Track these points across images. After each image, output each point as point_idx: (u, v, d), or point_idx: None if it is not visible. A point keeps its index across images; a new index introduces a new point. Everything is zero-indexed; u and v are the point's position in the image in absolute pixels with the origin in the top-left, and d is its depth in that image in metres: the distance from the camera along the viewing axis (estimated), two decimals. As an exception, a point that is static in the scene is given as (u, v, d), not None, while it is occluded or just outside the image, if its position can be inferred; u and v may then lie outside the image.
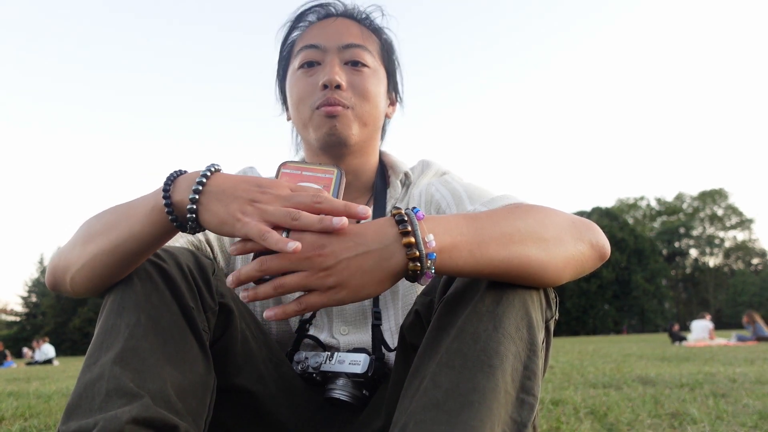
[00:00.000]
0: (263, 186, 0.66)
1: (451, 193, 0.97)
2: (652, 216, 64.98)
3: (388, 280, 0.63)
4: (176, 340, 0.71)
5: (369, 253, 0.61)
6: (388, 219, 0.64)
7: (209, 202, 0.66)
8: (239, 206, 0.64)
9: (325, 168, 0.74)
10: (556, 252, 0.68)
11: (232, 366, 0.83)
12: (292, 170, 0.75)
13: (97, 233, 0.73)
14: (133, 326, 0.68)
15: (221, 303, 0.81)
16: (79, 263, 0.74)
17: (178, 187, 0.69)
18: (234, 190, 0.66)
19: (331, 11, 1.05)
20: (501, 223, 0.67)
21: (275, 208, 0.63)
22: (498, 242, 0.65)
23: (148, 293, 0.72)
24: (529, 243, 0.66)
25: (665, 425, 1.74)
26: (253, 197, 0.64)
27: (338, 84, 0.96)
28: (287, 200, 0.64)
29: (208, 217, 0.66)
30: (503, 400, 0.60)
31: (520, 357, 0.64)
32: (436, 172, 1.11)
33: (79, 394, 0.64)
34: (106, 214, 0.76)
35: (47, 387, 4.19)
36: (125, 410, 0.60)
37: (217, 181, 0.67)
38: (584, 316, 46.68)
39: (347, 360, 0.88)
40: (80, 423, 0.60)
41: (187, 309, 0.74)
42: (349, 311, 1.00)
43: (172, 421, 0.63)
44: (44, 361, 14.44)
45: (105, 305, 0.73)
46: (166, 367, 0.68)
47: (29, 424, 2.12)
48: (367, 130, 1.01)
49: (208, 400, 0.74)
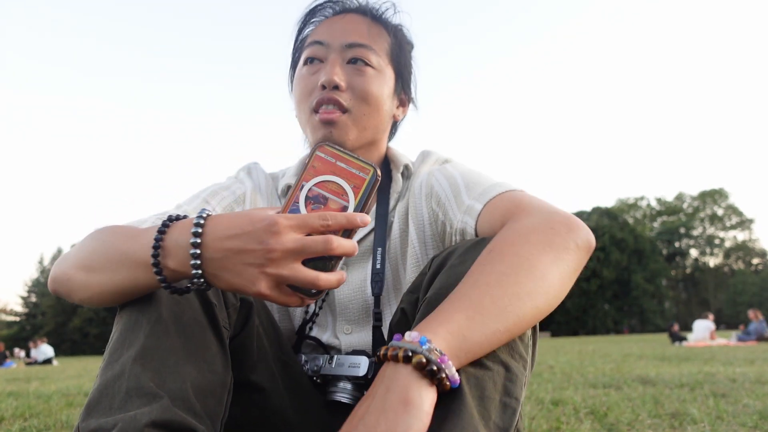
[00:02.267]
0: (265, 242, 0.61)
1: (448, 182, 0.95)
2: (652, 216, 64.96)
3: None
4: (197, 337, 0.71)
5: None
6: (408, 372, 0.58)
7: (216, 272, 0.63)
8: (252, 275, 0.61)
9: (363, 164, 0.69)
10: (548, 288, 0.67)
11: (248, 362, 0.82)
12: (328, 156, 0.69)
13: (100, 267, 0.71)
14: (154, 322, 0.68)
15: (242, 299, 0.80)
16: (86, 292, 0.73)
17: (169, 254, 0.64)
18: (238, 255, 0.61)
19: (346, 6, 1.03)
20: (485, 312, 0.63)
21: (291, 273, 0.61)
22: (494, 335, 0.63)
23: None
24: (522, 305, 0.65)
25: (665, 425, 1.74)
26: (261, 261, 0.61)
27: (336, 84, 0.94)
28: (298, 253, 0.61)
29: (220, 285, 0.64)
30: (485, 403, 0.61)
31: (501, 359, 0.65)
32: (437, 159, 1.08)
33: (99, 392, 0.64)
34: (109, 244, 0.72)
35: (47, 387, 4.19)
36: (144, 411, 0.60)
37: (214, 244, 0.62)
38: (584, 316, 46.70)
39: (347, 363, 0.87)
40: (100, 422, 0.60)
41: (209, 305, 0.73)
42: (353, 310, 0.99)
43: (191, 424, 0.63)
44: (44, 361, 14.44)
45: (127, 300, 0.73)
46: (186, 366, 0.67)
47: (29, 424, 2.12)
48: (366, 134, 0.99)
49: (225, 399, 0.73)
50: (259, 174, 1.11)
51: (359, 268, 1.00)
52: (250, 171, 1.11)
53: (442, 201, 0.95)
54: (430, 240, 0.97)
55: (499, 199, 0.84)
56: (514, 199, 0.82)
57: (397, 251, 0.99)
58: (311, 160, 0.69)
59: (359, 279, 0.99)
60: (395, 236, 0.99)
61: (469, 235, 0.86)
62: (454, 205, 0.91)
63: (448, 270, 0.72)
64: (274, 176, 1.13)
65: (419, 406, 0.55)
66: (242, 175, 1.10)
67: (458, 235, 0.89)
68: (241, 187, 1.06)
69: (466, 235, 0.87)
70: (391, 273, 0.99)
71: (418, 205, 0.99)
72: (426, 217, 0.97)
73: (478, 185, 0.90)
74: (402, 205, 1.02)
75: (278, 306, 1.01)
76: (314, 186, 0.68)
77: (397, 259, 0.99)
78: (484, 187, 0.89)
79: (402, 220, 1.00)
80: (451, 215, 0.91)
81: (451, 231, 0.91)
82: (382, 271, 0.95)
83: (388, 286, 0.98)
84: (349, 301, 0.99)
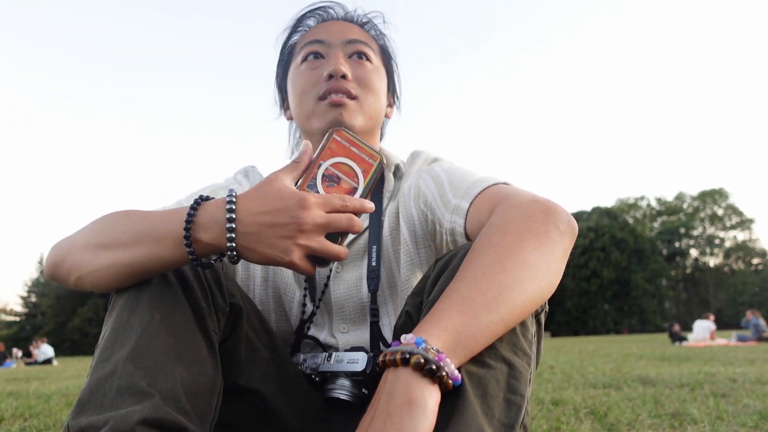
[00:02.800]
0: (298, 217, 0.67)
1: (434, 181, 0.97)
2: (652, 216, 64.97)
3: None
4: (188, 340, 0.71)
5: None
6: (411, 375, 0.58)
7: (250, 245, 0.68)
8: (285, 246, 0.67)
9: (372, 152, 0.77)
10: (536, 273, 0.67)
11: (236, 366, 0.83)
12: (343, 140, 0.77)
13: (116, 243, 0.72)
14: (146, 324, 0.68)
15: (231, 303, 0.81)
16: (90, 268, 0.73)
17: (202, 227, 0.69)
18: (272, 229, 0.67)
19: (331, 15, 1.07)
20: (476, 305, 0.63)
21: (319, 245, 0.68)
22: (488, 327, 0.63)
23: (162, 291, 0.72)
24: (511, 292, 0.65)
25: (665, 425, 1.74)
26: (294, 233, 0.67)
27: (344, 74, 0.98)
28: (325, 228, 0.68)
29: (253, 257, 0.69)
30: (488, 401, 0.61)
31: (503, 356, 0.65)
32: (425, 159, 1.10)
33: (90, 390, 0.64)
34: (126, 223, 0.74)
35: (47, 387, 4.19)
36: (136, 409, 0.60)
37: (248, 219, 0.67)
38: (584, 316, 46.71)
39: (345, 359, 0.88)
40: (90, 419, 0.60)
41: (199, 309, 0.74)
42: (349, 309, 1.00)
43: (181, 423, 0.63)
44: (44, 361, 14.45)
45: (117, 300, 0.73)
46: (176, 367, 0.68)
47: (29, 424, 2.12)
48: (370, 123, 1.03)
49: (215, 401, 0.74)
50: (256, 177, 1.12)
51: (354, 268, 1.01)
52: (248, 174, 1.13)
53: (429, 201, 0.96)
54: (422, 239, 0.99)
55: (484, 195, 0.85)
56: (497, 194, 0.83)
57: (389, 250, 1.00)
58: (329, 141, 0.77)
59: (354, 278, 1.00)
60: (386, 235, 1.01)
61: (459, 234, 0.87)
62: (441, 205, 0.92)
63: (450, 272, 0.73)
64: None
65: (424, 406, 0.56)
66: (240, 178, 1.12)
67: (448, 234, 0.90)
68: (239, 189, 1.07)
69: (456, 234, 0.88)
70: (385, 271, 1.00)
71: (408, 205, 1.00)
72: (416, 217, 0.98)
73: (462, 182, 0.91)
74: (393, 205, 1.04)
75: (275, 308, 1.02)
76: (330, 166, 0.76)
77: (390, 258, 1.00)
78: (468, 184, 0.90)
79: (393, 219, 1.02)
80: (440, 215, 0.92)
81: (441, 230, 0.92)
82: (378, 268, 0.96)
83: (382, 284, 1.00)
84: (345, 300, 1.00)
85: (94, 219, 0.79)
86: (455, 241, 0.89)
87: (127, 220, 0.75)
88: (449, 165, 1.02)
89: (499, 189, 0.84)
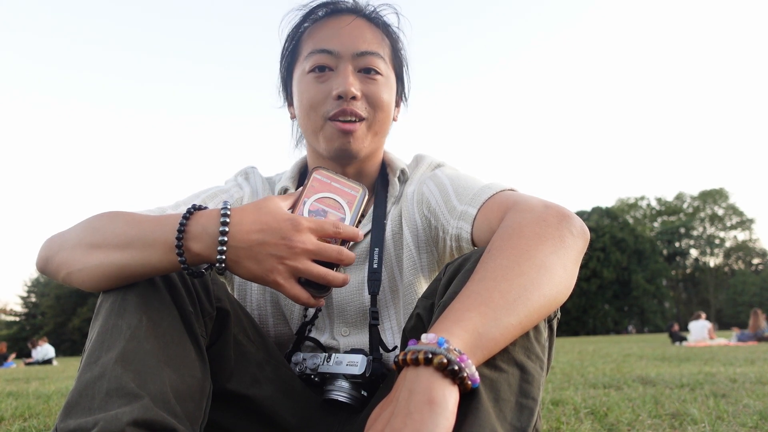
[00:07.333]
0: (289, 239, 0.69)
1: (438, 188, 0.97)
2: (652, 216, 64.94)
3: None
4: (175, 343, 0.71)
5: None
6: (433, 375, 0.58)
7: (239, 259, 0.69)
8: (271, 265, 0.69)
9: (353, 184, 0.83)
10: (552, 276, 0.68)
11: (225, 370, 0.83)
12: (324, 178, 0.82)
13: (107, 244, 0.73)
14: (134, 327, 0.69)
15: (218, 308, 0.81)
16: (79, 266, 0.74)
17: (194, 238, 0.69)
18: (262, 246, 0.68)
19: (340, 6, 1.02)
20: (496, 307, 0.63)
21: (305, 267, 0.69)
22: (507, 329, 0.63)
23: (149, 296, 0.72)
24: (530, 295, 0.65)
25: (665, 425, 1.74)
26: (283, 254, 0.69)
27: (354, 96, 0.94)
28: (314, 254, 0.70)
29: (239, 272, 0.70)
30: (500, 405, 0.61)
31: (516, 360, 0.65)
32: (429, 164, 1.10)
33: (79, 392, 0.63)
34: (119, 225, 0.74)
35: (47, 387, 4.19)
36: (126, 411, 0.60)
37: (240, 234, 0.69)
38: (584, 316, 46.66)
39: (345, 361, 0.88)
40: (79, 421, 0.60)
41: (186, 314, 0.74)
42: (350, 312, 1.00)
43: (171, 424, 0.63)
44: (44, 361, 14.44)
45: (103, 304, 0.73)
46: (165, 370, 0.68)
47: (29, 424, 2.12)
48: (377, 139, 1.02)
49: (204, 404, 0.74)
50: (257, 178, 1.12)
51: (356, 272, 1.01)
52: (248, 175, 1.13)
53: (432, 207, 0.96)
54: (424, 245, 0.99)
55: (493, 201, 0.85)
56: (507, 199, 0.83)
57: (391, 253, 1.00)
58: (310, 180, 0.81)
59: (356, 282, 1.00)
60: (389, 239, 1.00)
61: (465, 240, 0.87)
62: (446, 211, 0.92)
63: (463, 275, 0.73)
64: (270, 180, 1.14)
65: (444, 406, 0.55)
66: (240, 180, 1.12)
67: (453, 240, 0.90)
68: (239, 192, 1.07)
69: (462, 240, 0.88)
70: (387, 275, 1.00)
71: (411, 210, 1.00)
72: (419, 222, 0.99)
73: (467, 189, 0.91)
74: (396, 209, 1.03)
75: (273, 312, 1.02)
76: (315, 201, 0.79)
77: (392, 261, 1.00)
78: (474, 190, 0.90)
79: (396, 223, 1.02)
80: (443, 221, 0.92)
81: (445, 236, 0.92)
82: (379, 271, 0.96)
83: (384, 287, 0.99)
84: (347, 303, 1.00)
85: (88, 217, 0.79)
86: (460, 247, 0.89)
87: (120, 221, 0.75)
88: (452, 171, 1.02)
89: (508, 195, 0.84)
